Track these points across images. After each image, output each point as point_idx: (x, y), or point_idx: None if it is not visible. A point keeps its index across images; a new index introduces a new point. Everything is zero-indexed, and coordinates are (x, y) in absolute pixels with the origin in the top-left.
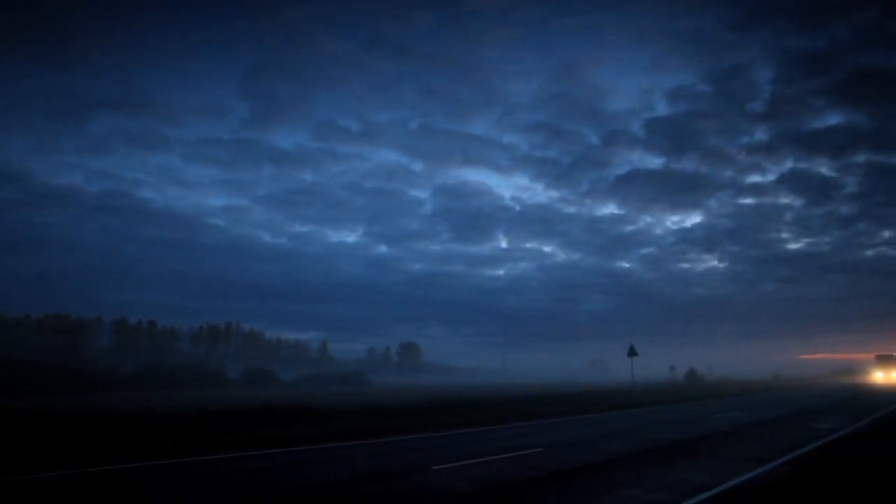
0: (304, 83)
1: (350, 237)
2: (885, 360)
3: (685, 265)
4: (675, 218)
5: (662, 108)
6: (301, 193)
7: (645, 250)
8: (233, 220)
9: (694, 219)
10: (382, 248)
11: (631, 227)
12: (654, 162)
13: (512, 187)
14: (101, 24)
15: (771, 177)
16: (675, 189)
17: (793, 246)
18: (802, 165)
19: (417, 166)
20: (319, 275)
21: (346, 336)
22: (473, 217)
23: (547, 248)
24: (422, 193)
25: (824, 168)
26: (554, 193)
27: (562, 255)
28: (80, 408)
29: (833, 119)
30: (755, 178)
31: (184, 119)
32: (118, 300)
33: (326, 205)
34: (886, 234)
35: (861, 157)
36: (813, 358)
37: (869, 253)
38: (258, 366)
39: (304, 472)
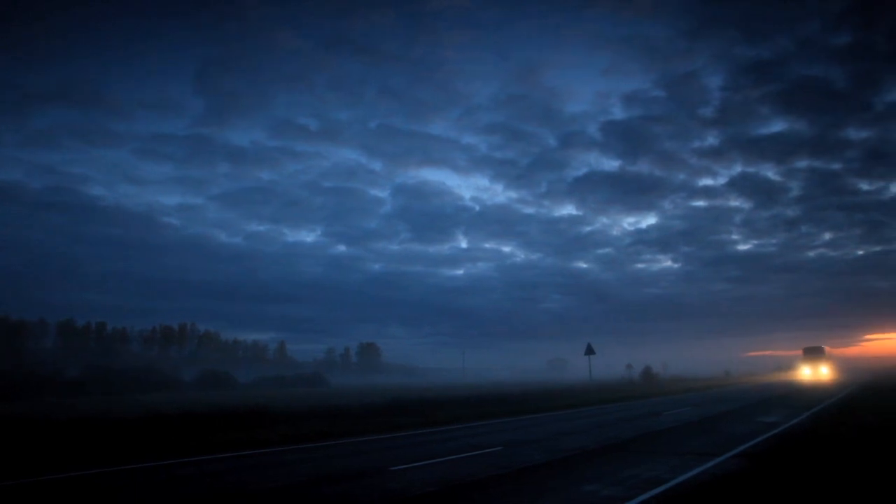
0: (262, 80)
1: (308, 237)
2: (812, 354)
3: (641, 265)
4: (631, 219)
5: (618, 112)
6: (258, 192)
7: (602, 251)
8: (187, 218)
9: (649, 220)
10: (341, 248)
11: (588, 228)
12: (611, 164)
13: (471, 188)
14: (45, 13)
15: (721, 180)
16: (630, 191)
17: (742, 247)
18: (750, 170)
19: (377, 165)
20: (277, 275)
21: (304, 337)
22: (433, 217)
23: (506, 249)
24: (381, 193)
25: (770, 172)
26: (513, 194)
27: (521, 256)
28: (13, 414)
29: (778, 126)
30: (707, 182)
31: (135, 114)
32: (64, 301)
33: (284, 204)
34: (827, 236)
35: (803, 163)
36: (761, 355)
37: (811, 254)
38: (214, 367)
39: (262, 475)
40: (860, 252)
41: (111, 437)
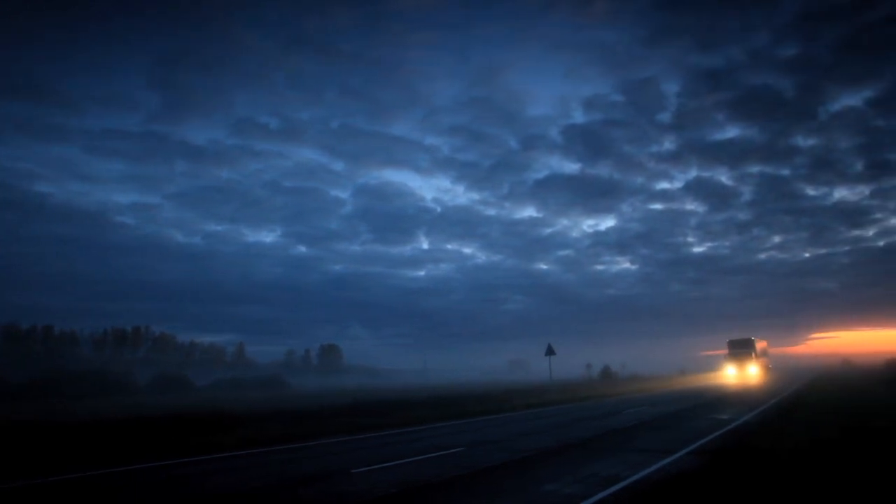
0: (221, 77)
1: (268, 237)
2: (739, 349)
3: (600, 267)
4: (591, 221)
5: (579, 116)
6: (216, 191)
7: (562, 252)
8: (142, 217)
9: (608, 223)
10: (302, 249)
11: (549, 230)
12: (571, 167)
13: (433, 189)
14: None
15: (678, 184)
16: (590, 194)
17: (697, 249)
18: (705, 174)
19: (338, 166)
20: (236, 275)
21: (263, 338)
22: (394, 218)
23: (467, 250)
24: (342, 193)
25: (724, 177)
26: (475, 196)
27: (482, 257)
28: None
29: (731, 132)
30: (664, 185)
31: (86, 108)
32: (7, 303)
33: (243, 203)
34: (776, 239)
35: (755, 168)
36: (716, 354)
37: (762, 256)
38: (170, 371)
39: (221, 480)
40: (806, 255)
41: (73, 442)
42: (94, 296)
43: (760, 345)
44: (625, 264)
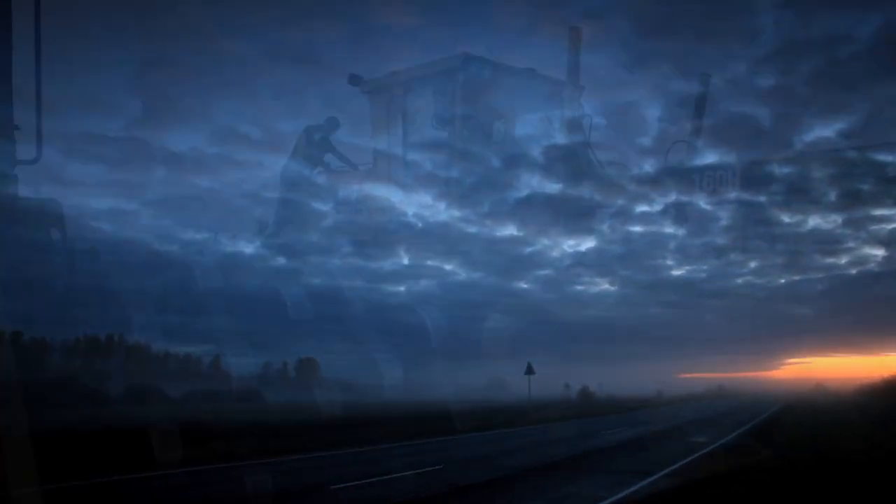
0: (201, 84)
1: (247, 248)
2: None
3: (580, 287)
4: (571, 242)
5: (560, 136)
6: (195, 199)
7: (542, 272)
8: (118, 223)
9: (588, 243)
10: (281, 261)
11: (529, 249)
12: (553, 187)
13: (414, 204)
14: None
15: (657, 207)
16: (571, 214)
17: (676, 272)
18: (684, 199)
19: (320, 178)
20: (213, 285)
21: (240, 350)
22: (375, 232)
23: (448, 267)
24: (323, 206)
25: (702, 202)
26: (456, 213)
27: (462, 274)
28: None
29: (709, 158)
30: (643, 208)
31: (64, 111)
32: None
33: (223, 213)
34: (752, 264)
35: (731, 194)
36: (692, 377)
37: (738, 281)
38: (143, 381)
39: (194, 494)
40: (782, 280)
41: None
42: (66, 303)
43: None
44: (604, 285)
